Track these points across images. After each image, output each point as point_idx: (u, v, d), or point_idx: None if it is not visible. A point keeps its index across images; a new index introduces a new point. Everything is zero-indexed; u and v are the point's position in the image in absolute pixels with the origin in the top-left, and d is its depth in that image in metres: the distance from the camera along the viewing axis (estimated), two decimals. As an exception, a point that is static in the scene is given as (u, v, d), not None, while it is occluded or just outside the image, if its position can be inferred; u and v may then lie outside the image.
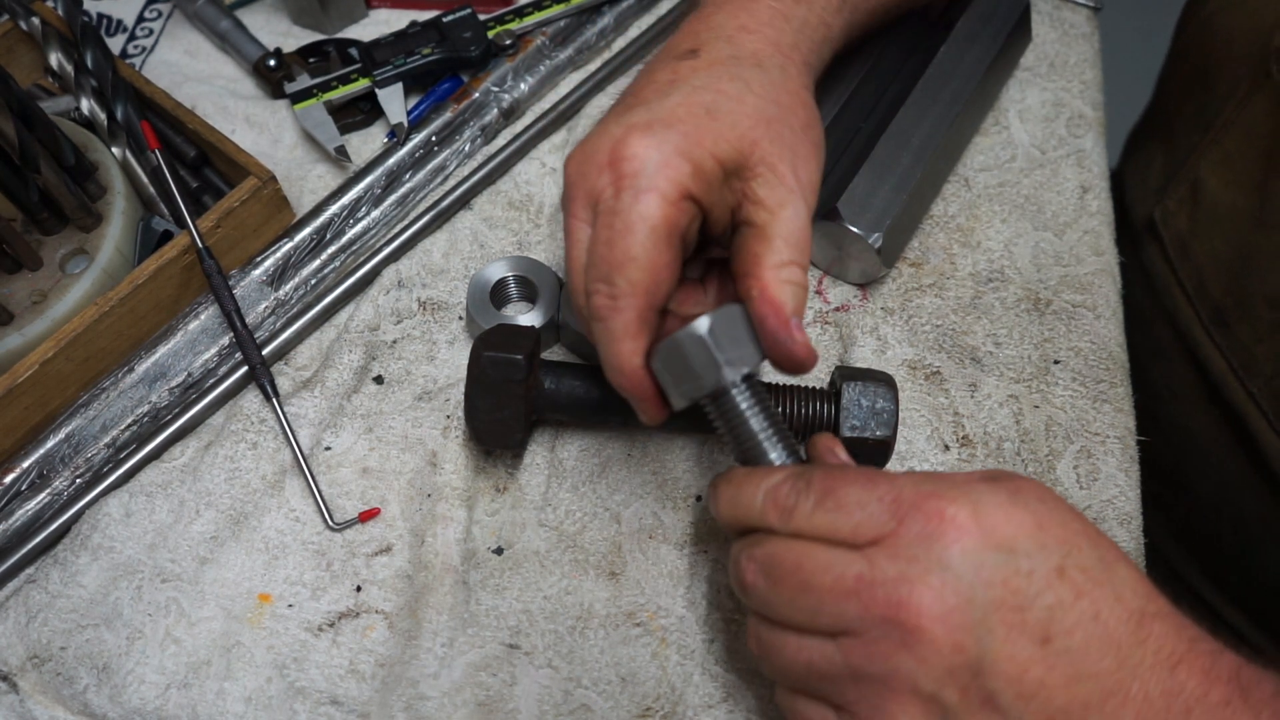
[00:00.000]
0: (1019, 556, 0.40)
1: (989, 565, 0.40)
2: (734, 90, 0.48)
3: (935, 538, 0.40)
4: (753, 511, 0.45)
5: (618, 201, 0.45)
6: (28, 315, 0.62)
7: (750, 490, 0.46)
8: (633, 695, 0.54)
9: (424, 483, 0.60)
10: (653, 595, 0.57)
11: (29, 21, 0.73)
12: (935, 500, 0.41)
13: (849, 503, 0.42)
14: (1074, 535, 0.41)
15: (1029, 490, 0.42)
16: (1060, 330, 0.66)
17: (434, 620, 0.56)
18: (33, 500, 0.60)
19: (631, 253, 0.45)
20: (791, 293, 0.46)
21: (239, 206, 0.65)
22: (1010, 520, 0.40)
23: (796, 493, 0.44)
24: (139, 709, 0.54)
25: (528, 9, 0.77)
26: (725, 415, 0.48)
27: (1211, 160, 0.72)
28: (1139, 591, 0.41)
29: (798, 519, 0.43)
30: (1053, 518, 0.41)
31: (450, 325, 0.67)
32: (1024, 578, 0.40)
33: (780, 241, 0.46)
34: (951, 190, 0.72)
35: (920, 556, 0.40)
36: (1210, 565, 0.84)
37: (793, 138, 0.48)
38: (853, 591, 0.41)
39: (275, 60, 0.76)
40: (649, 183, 0.45)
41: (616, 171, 0.45)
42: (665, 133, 0.46)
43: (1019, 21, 0.72)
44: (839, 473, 0.44)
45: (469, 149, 0.73)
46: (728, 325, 0.46)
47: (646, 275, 0.45)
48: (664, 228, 0.45)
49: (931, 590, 0.39)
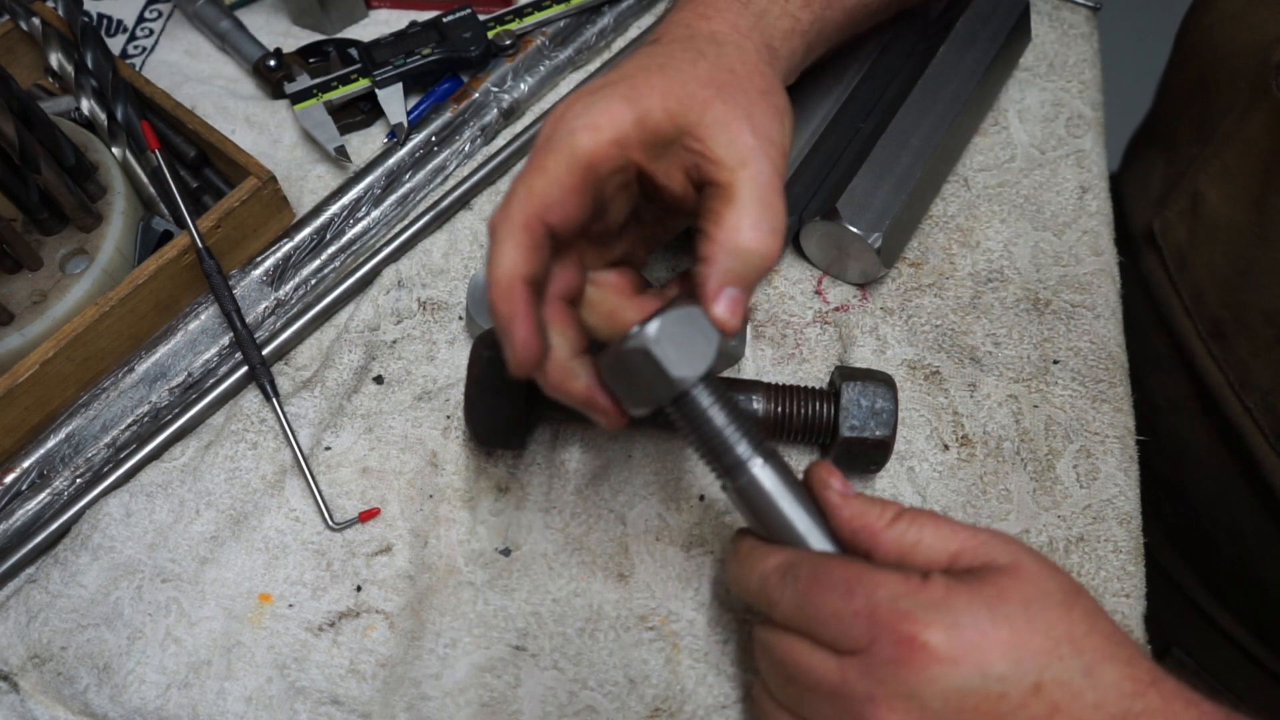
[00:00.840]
0: (991, 679, 0.40)
1: (959, 690, 0.40)
2: (688, 58, 0.48)
3: (903, 664, 0.40)
4: (749, 594, 0.47)
5: (551, 139, 0.45)
6: (28, 315, 0.62)
7: (749, 572, 0.47)
8: (640, 697, 0.54)
9: (425, 483, 0.60)
10: (663, 599, 0.57)
11: (29, 22, 0.73)
12: (909, 623, 0.40)
13: (826, 612, 0.42)
14: (1057, 644, 0.40)
15: (1014, 596, 0.41)
16: (1059, 330, 0.66)
17: (437, 621, 0.56)
18: (33, 500, 0.60)
19: (542, 165, 0.44)
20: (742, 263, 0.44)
21: (239, 206, 0.65)
22: (987, 638, 0.40)
23: (783, 587, 0.44)
24: (139, 709, 0.54)
25: (528, 9, 0.77)
26: (686, 419, 0.46)
27: (1211, 173, 0.72)
28: (1124, 691, 0.40)
29: (783, 614, 0.44)
30: (1036, 626, 0.40)
31: (450, 325, 0.67)
32: (995, 700, 0.39)
33: (745, 197, 0.45)
34: (951, 190, 0.72)
35: (888, 680, 0.40)
36: (1207, 574, 0.84)
37: (747, 100, 0.47)
38: (828, 696, 0.42)
39: (275, 60, 0.76)
40: (586, 121, 0.44)
41: (558, 121, 0.45)
42: (612, 88, 0.46)
43: (1018, 21, 0.72)
44: (823, 574, 0.43)
45: (469, 149, 0.73)
46: (678, 329, 0.44)
47: (546, 184, 0.43)
48: (585, 156, 0.44)
49: (896, 715, 0.40)
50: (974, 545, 0.44)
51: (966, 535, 0.44)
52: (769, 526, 0.47)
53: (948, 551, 0.44)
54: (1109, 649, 0.41)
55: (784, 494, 0.46)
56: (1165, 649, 0.89)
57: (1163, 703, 0.40)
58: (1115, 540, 0.59)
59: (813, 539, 0.46)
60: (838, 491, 0.47)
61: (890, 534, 0.45)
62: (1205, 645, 0.86)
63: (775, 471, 0.46)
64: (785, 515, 0.46)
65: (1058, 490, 0.61)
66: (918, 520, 0.45)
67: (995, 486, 0.61)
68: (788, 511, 0.46)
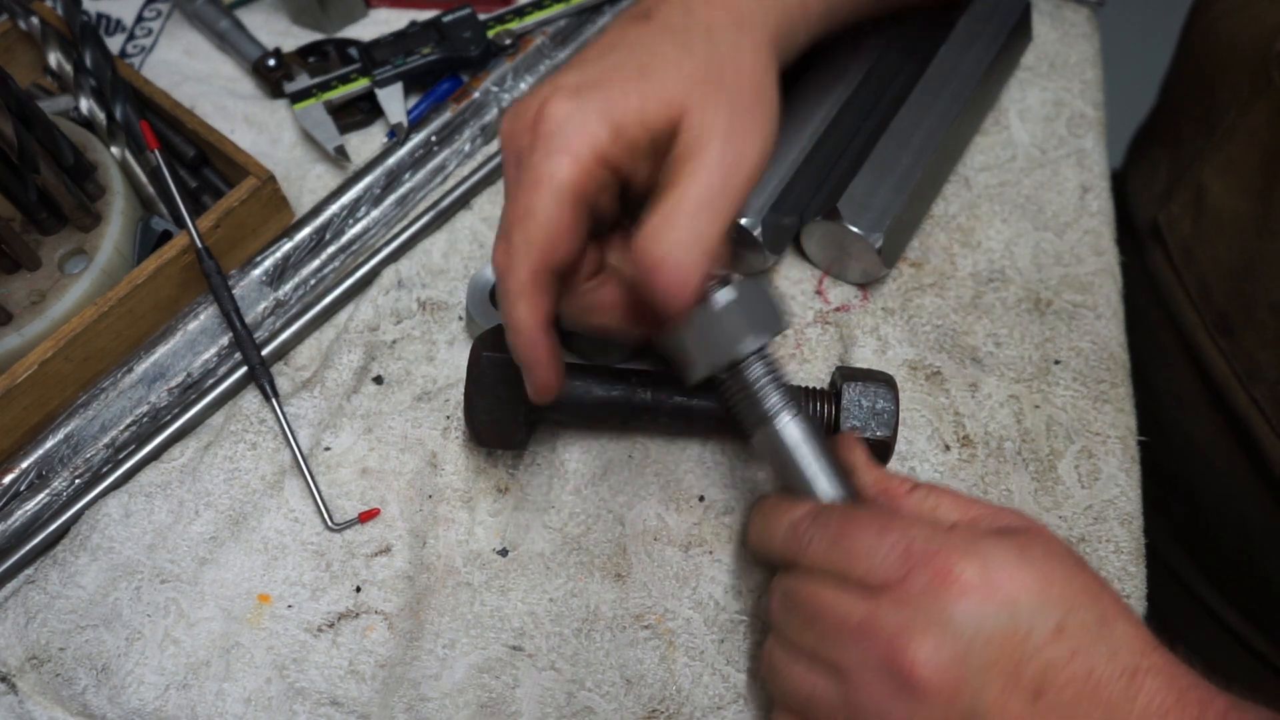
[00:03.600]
0: (1020, 615, 0.41)
1: (990, 623, 0.41)
2: (673, 55, 0.46)
3: (940, 593, 0.41)
4: (775, 544, 0.48)
5: (529, 158, 0.44)
6: (26, 315, 0.62)
7: (775, 523, 0.48)
8: (638, 697, 0.54)
9: (424, 483, 0.60)
10: (660, 598, 0.57)
11: (28, 21, 0.73)
12: (944, 555, 0.42)
13: (860, 548, 0.43)
14: (1076, 593, 0.42)
15: (1037, 546, 0.43)
16: (1061, 330, 0.66)
17: (435, 621, 0.56)
18: (32, 501, 0.60)
19: (532, 208, 0.43)
20: (671, 248, 0.42)
21: (238, 206, 0.65)
22: (1015, 578, 0.41)
23: (814, 530, 0.45)
24: (138, 710, 0.54)
25: (528, 9, 0.77)
26: (746, 390, 0.48)
27: (1215, 166, 0.72)
28: (1134, 648, 0.42)
29: (812, 556, 0.45)
30: (1057, 575, 0.42)
31: (450, 325, 0.66)
32: (1023, 636, 0.41)
33: (679, 194, 0.43)
34: (952, 190, 0.71)
35: (923, 609, 0.41)
36: (1212, 569, 0.84)
37: (732, 97, 0.46)
38: (857, 633, 0.42)
39: (274, 60, 0.76)
40: (562, 144, 0.44)
41: (535, 132, 0.45)
42: (590, 94, 0.44)
43: (1019, 21, 0.72)
44: (857, 515, 0.45)
45: (469, 149, 0.73)
46: (750, 293, 0.46)
47: (543, 233, 0.43)
48: (570, 189, 0.43)
49: (931, 643, 0.41)
50: (989, 513, 0.46)
51: (981, 505, 0.47)
52: (795, 476, 0.49)
53: (966, 516, 0.46)
54: (1120, 608, 0.43)
55: (815, 446, 0.48)
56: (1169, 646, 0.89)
57: (1166, 665, 0.42)
58: (1116, 540, 0.59)
59: (837, 492, 0.48)
60: (864, 454, 0.50)
61: (911, 499, 0.47)
62: (1210, 641, 0.86)
63: (807, 425, 0.48)
64: (814, 466, 0.48)
65: (1059, 491, 0.60)
66: (934, 491, 0.48)
67: (996, 487, 0.60)
68: (817, 463, 0.48)
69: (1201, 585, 0.86)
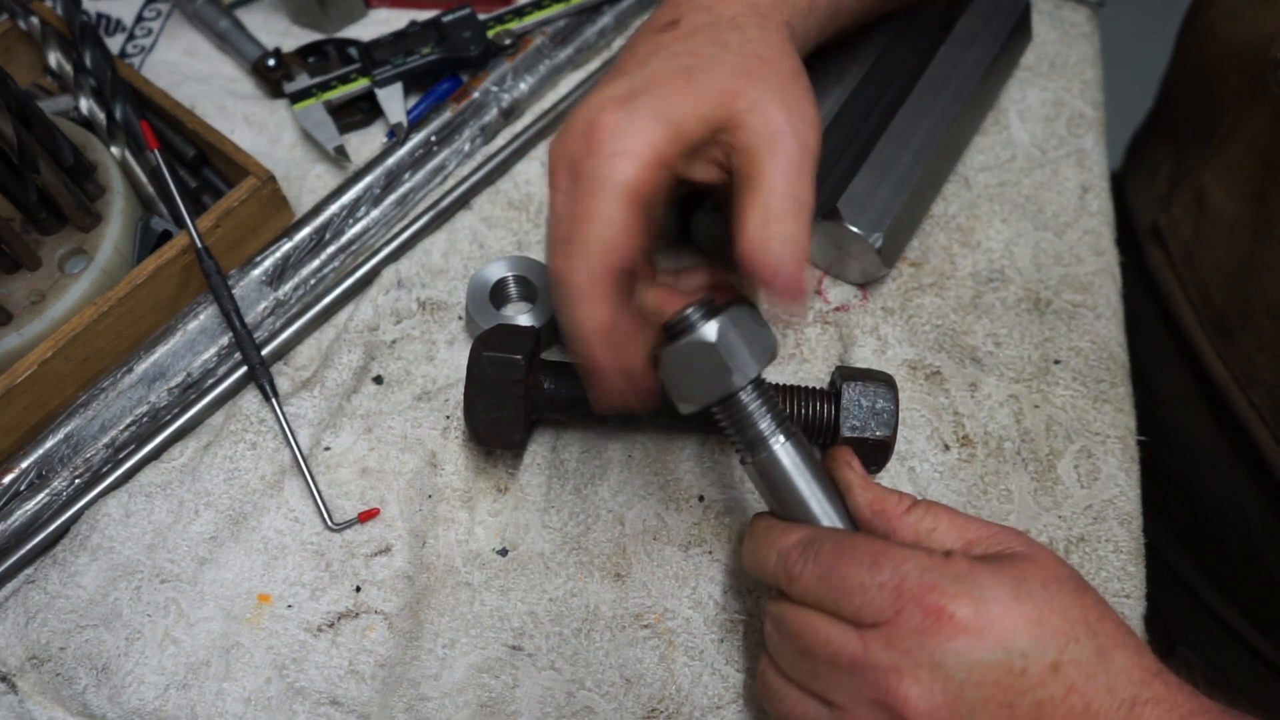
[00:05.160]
0: (1014, 653, 0.40)
1: (983, 662, 0.40)
2: (712, 52, 0.47)
3: (931, 634, 0.40)
4: (768, 570, 0.47)
5: (588, 164, 0.44)
6: (26, 315, 0.62)
7: (767, 549, 0.47)
8: (637, 697, 0.54)
9: (424, 483, 0.60)
10: (659, 597, 0.57)
11: (28, 21, 0.73)
12: (936, 594, 0.41)
13: (852, 583, 0.42)
14: (1074, 626, 0.41)
15: (1034, 576, 0.42)
16: (1060, 330, 0.66)
17: (435, 621, 0.56)
18: (32, 500, 0.60)
19: (593, 211, 0.44)
20: (780, 245, 0.44)
21: (238, 206, 0.65)
22: (1010, 615, 0.41)
23: (804, 561, 0.44)
24: (138, 709, 0.54)
25: (528, 9, 0.77)
26: (733, 419, 0.47)
27: (1215, 169, 0.72)
28: (1134, 679, 0.41)
29: (804, 587, 0.44)
30: (1054, 606, 0.41)
31: (450, 325, 0.66)
32: (1017, 675, 0.40)
33: (766, 191, 0.45)
34: (952, 190, 0.71)
35: (914, 650, 0.41)
36: (1213, 570, 0.84)
37: (779, 80, 0.47)
38: (849, 670, 0.42)
39: (274, 60, 0.76)
40: (621, 146, 0.44)
41: (590, 139, 0.45)
42: (641, 100, 0.45)
43: (1019, 21, 0.72)
44: (848, 546, 0.44)
45: (469, 149, 0.73)
46: (736, 327, 0.45)
47: (607, 233, 0.44)
48: (631, 190, 0.44)
49: (921, 685, 0.40)
50: (987, 535, 0.45)
51: (980, 526, 0.46)
52: (788, 503, 0.48)
53: (963, 539, 0.45)
54: (1119, 637, 0.42)
55: (805, 472, 0.47)
56: (1170, 647, 0.89)
57: (1168, 693, 0.41)
58: (1116, 540, 0.59)
59: (830, 518, 0.47)
60: (859, 473, 0.48)
61: (907, 520, 0.46)
62: (1211, 642, 0.86)
63: (798, 450, 0.47)
64: (804, 492, 0.47)
65: (1058, 490, 0.60)
66: (932, 510, 0.46)
67: (996, 487, 0.60)
68: (808, 489, 0.47)
69: (1202, 585, 0.86)
